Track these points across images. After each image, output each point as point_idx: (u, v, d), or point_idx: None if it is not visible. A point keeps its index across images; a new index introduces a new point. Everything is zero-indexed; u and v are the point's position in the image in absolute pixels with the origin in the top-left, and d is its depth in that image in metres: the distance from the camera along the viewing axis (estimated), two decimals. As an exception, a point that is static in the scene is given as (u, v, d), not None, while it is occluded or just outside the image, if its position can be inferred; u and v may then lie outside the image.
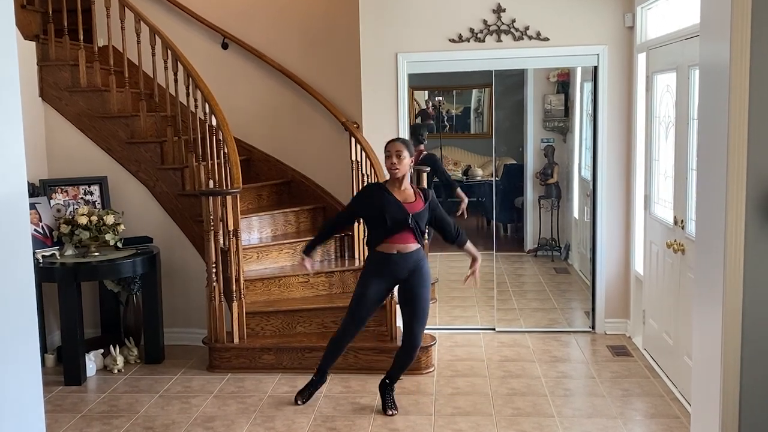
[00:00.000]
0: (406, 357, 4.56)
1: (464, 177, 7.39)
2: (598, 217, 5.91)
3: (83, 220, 5.30)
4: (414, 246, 4.43)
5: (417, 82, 6.61)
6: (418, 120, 7.25)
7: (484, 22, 5.77)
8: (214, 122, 5.48)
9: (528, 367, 5.31)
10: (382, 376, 5.03)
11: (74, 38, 5.87)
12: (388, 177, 4.55)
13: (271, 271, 5.72)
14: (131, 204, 5.84)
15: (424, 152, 6.66)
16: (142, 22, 5.74)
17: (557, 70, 6.70)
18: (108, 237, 5.34)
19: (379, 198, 4.40)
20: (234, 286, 5.29)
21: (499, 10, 5.75)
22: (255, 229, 5.93)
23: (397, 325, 5.28)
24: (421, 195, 4.48)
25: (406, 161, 4.37)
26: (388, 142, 4.47)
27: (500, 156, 6.85)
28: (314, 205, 6.38)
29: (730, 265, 2.58)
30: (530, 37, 5.74)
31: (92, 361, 5.34)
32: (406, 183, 4.44)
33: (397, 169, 4.35)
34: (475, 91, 7.35)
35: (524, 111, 6.87)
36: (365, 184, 5.18)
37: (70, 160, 5.88)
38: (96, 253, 5.37)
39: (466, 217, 6.56)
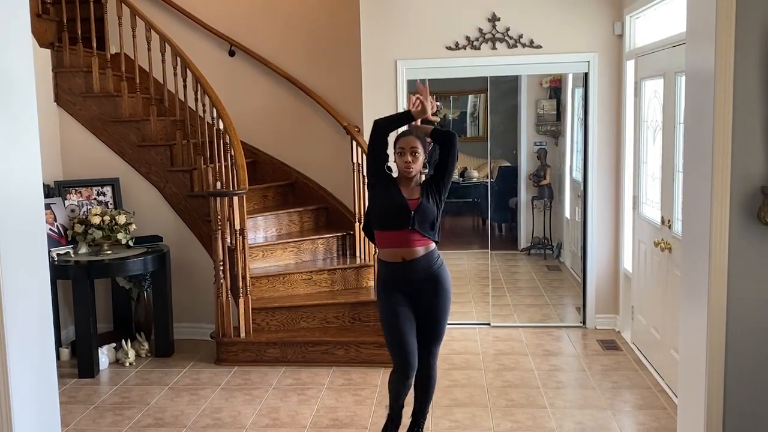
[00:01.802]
0: (426, 380, 3.83)
1: (461, 178, 7.38)
2: (589, 217, 5.90)
3: (96, 220, 5.30)
4: (421, 249, 3.63)
5: (416, 87, 6.59)
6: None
7: (480, 30, 5.76)
8: (221, 126, 5.48)
9: (522, 360, 5.30)
10: (382, 370, 5.03)
11: (87, 46, 5.88)
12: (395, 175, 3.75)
13: (276, 268, 5.71)
14: (142, 204, 5.84)
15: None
16: (152, 30, 5.74)
17: (550, 76, 6.70)
18: (120, 236, 5.34)
19: (389, 185, 3.66)
20: (240, 283, 5.29)
21: (494, 19, 5.75)
22: (260, 229, 5.93)
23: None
24: (421, 186, 3.70)
25: (421, 159, 3.63)
26: (400, 136, 3.67)
27: (495, 158, 6.85)
28: (317, 205, 6.38)
29: (715, 262, 2.59)
30: (524, 45, 5.74)
31: (105, 355, 5.34)
32: (416, 181, 3.70)
33: (412, 168, 3.61)
34: (471, 97, 7.34)
35: (518, 115, 6.87)
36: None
37: (83, 163, 5.88)
38: (108, 252, 5.37)
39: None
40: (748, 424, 2.63)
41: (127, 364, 5.36)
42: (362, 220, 3.78)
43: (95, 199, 5.76)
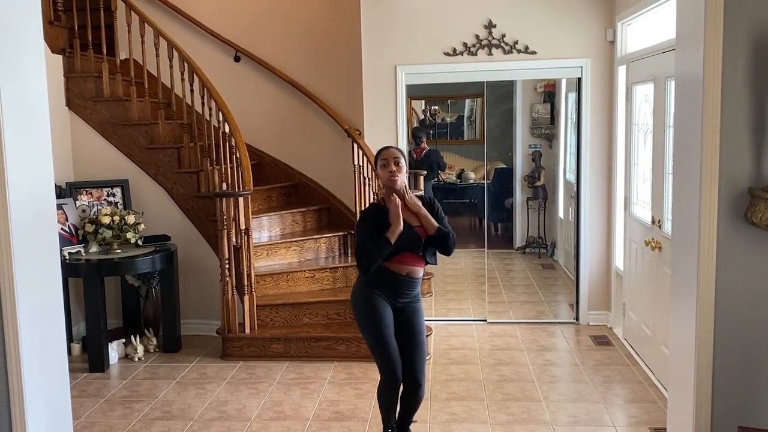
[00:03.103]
0: (415, 398, 3.66)
1: (458, 180, 7.39)
2: (582, 217, 5.90)
3: (106, 220, 5.30)
4: (422, 272, 3.66)
5: (414, 92, 6.61)
6: (417, 125, 7.26)
7: (477, 37, 5.77)
8: (227, 129, 5.48)
9: (517, 355, 5.30)
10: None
11: (98, 52, 5.88)
12: (380, 196, 3.68)
13: (280, 266, 5.71)
14: (150, 205, 5.84)
15: (426, 149, 6.67)
16: (160, 37, 5.73)
17: (544, 81, 6.70)
18: (129, 235, 5.34)
19: (385, 219, 3.52)
20: (245, 281, 5.29)
21: (490, 26, 5.75)
22: (265, 228, 5.93)
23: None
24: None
25: (405, 169, 3.56)
26: (382, 150, 3.61)
27: (491, 160, 6.85)
28: (319, 206, 6.38)
29: (704, 261, 2.59)
30: (519, 51, 5.74)
31: (114, 350, 5.34)
32: (410, 202, 3.57)
33: (397, 177, 3.51)
34: (468, 101, 7.34)
35: (513, 119, 6.87)
36: (369, 205, 3.90)
37: (94, 165, 5.88)
38: (118, 251, 5.37)
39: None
40: (736, 416, 2.63)
41: (136, 359, 5.37)
42: (356, 251, 3.58)
43: (105, 199, 5.76)
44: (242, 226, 5.26)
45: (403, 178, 3.56)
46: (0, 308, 2.58)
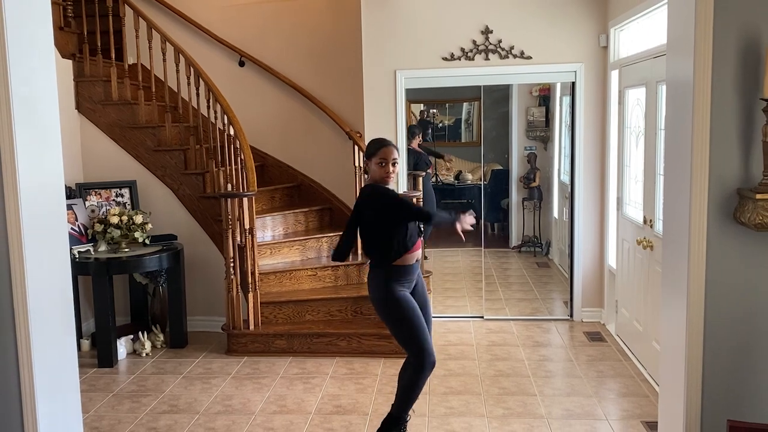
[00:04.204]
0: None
1: (456, 181, 7.38)
2: (576, 217, 5.90)
3: (115, 220, 5.30)
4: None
5: (413, 95, 6.60)
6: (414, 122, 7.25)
7: (474, 42, 5.77)
8: (232, 132, 5.48)
9: (513, 351, 5.30)
10: (382, 360, 5.04)
11: (107, 57, 5.88)
12: (370, 180, 3.74)
13: (283, 265, 5.71)
14: (158, 205, 5.84)
15: (410, 148, 6.67)
16: (167, 42, 5.74)
17: (539, 85, 6.70)
18: (137, 235, 5.34)
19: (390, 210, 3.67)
20: (250, 279, 5.29)
21: (487, 32, 5.75)
22: (268, 228, 5.93)
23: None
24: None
25: (398, 168, 3.68)
26: (381, 147, 3.62)
27: (488, 162, 6.85)
28: (321, 206, 6.38)
29: (694, 259, 2.59)
30: (515, 56, 5.74)
31: (123, 346, 5.34)
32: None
33: (391, 177, 3.64)
34: (465, 104, 7.34)
35: (509, 122, 6.87)
36: (367, 186, 3.77)
37: (103, 166, 5.88)
38: (126, 249, 5.37)
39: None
40: (725, 410, 2.64)
41: (144, 355, 5.37)
42: (383, 255, 3.67)
43: (114, 200, 5.76)
44: (246, 226, 5.26)
45: (395, 176, 3.71)
46: (12, 305, 2.58)
